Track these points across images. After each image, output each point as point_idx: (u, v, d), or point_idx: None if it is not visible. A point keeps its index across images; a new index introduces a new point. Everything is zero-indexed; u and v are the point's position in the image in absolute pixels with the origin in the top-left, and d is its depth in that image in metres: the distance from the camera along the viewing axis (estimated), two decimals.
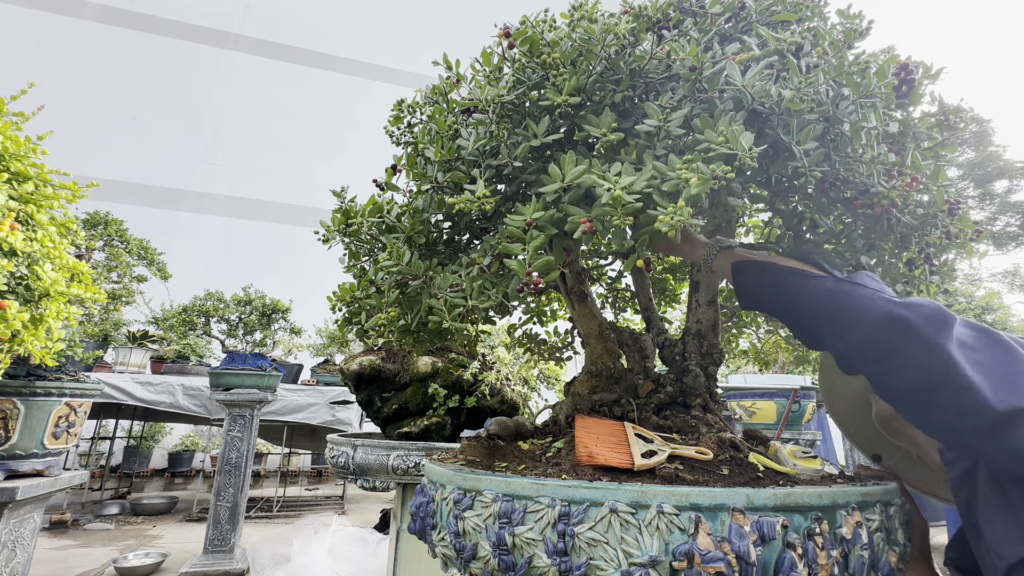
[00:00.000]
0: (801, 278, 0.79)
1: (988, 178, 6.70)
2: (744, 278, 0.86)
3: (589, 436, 0.88)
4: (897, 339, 0.68)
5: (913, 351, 0.67)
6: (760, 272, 0.84)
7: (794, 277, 0.79)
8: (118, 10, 9.52)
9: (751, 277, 0.85)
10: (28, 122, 1.57)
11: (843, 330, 0.73)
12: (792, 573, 0.63)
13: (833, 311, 0.74)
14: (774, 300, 0.83)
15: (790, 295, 0.79)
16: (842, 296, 0.74)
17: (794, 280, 0.79)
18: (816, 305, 0.76)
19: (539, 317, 1.50)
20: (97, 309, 4.43)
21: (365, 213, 1.07)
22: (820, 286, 0.76)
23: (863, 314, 0.71)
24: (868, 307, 0.71)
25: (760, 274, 0.84)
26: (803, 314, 0.79)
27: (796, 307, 0.79)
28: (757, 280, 0.84)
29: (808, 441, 3.60)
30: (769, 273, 0.82)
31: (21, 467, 2.14)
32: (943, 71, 0.86)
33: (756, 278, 0.84)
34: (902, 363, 0.68)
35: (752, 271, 0.85)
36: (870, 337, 0.70)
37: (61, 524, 5.05)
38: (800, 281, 0.78)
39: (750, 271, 0.85)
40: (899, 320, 0.68)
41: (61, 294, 1.50)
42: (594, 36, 0.84)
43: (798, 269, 0.80)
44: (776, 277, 0.81)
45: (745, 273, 0.86)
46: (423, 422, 2.35)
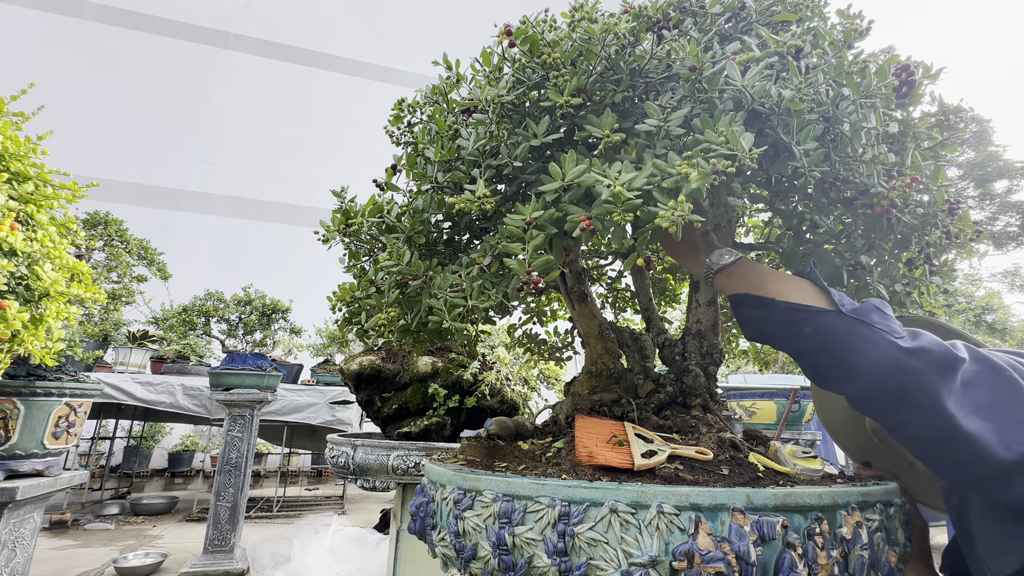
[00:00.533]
0: (803, 316, 0.74)
1: (988, 178, 6.70)
2: (743, 311, 0.83)
3: (589, 436, 0.88)
4: (904, 391, 0.66)
5: (921, 404, 0.65)
6: (757, 308, 0.80)
7: (796, 315, 0.75)
8: (118, 10, 9.52)
9: (751, 311, 0.81)
10: (28, 122, 1.57)
11: (850, 376, 0.71)
12: (792, 573, 0.63)
13: (839, 356, 0.71)
14: (777, 337, 0.80)
15: (792, 335, 0.76)
16: (847, 338, 0.71)
17: (796, 318, 0.75)
18: (821, 347, 0.73)
19: (539, 317, 1.50)
20: (97, 309, 4.43)
21: (365, 213, 1.07)
22: (824, 326, 0.73)
23: (869, 361, 0.69)
24: (875, 354, 0.68)
25: (760, 310, 0.80)
26: (808, 355, 0.76)
27: (801, 348, 0.76)
28: (755, 316, 0.81)
29: (808, 441, 3.60)
30: (768, 311, 0.78)
31: (21, 467, 2.14)
32: (943, 71, 0.86)
33: (753, 314, 0.81)
34: (909, 416, 0.67)
35: (751, 305, 0.81)
36: (877, 387, 0.68)
37: (61, 524, 5.05)
38: (805, 318, 0.74)
39: (750, 305, 0.81)
40: (907, 371, 0.66)
41: (61, 294, 1.50)
42: (594, 36, 0.84)
43: (798, 306, 0.76)
44: (776, 316, 0.77)
45: (744, 305, 0.82)
46: (423, 422, 2.35)
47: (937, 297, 1.09)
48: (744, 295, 0.82)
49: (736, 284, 0.85)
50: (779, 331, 0.78)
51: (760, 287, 0.81)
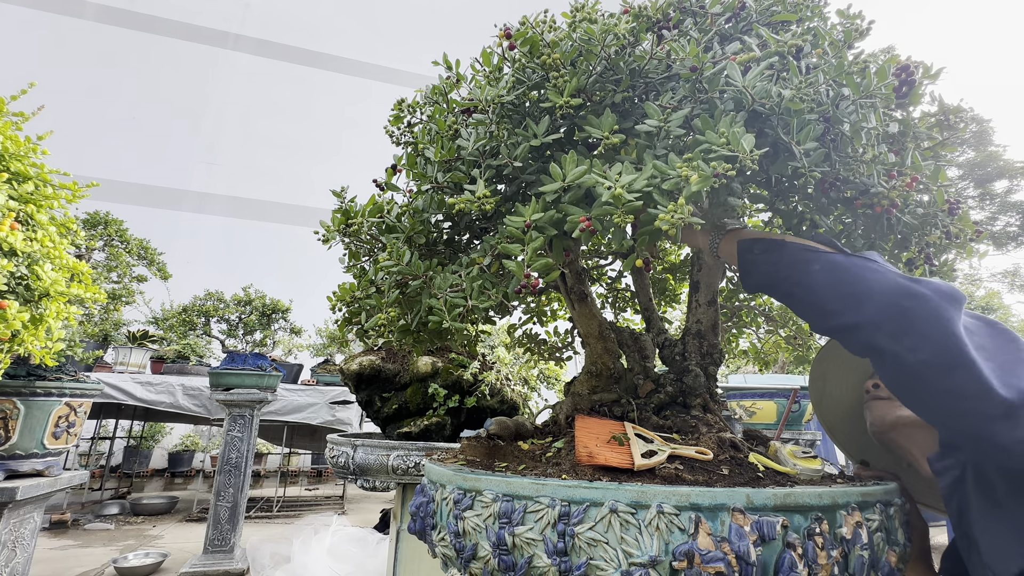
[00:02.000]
0: (812, 255, 0.77)
1: (988, 178, 6.70)
2: (752, 256, 0.83)
3: (589, 436, 0.88)
4: (912, 314, 0.67)
5: (928, 328, 0.66)
6: (770, 251, 0.81)
7: (807, 253, 0.78)
8: (118, 10, 9.52)
9: (761, 255, 0.82)
10: (28, 122, 1.57)
11: (857, 305, 0.71)
12: (792, 573, 0.63)
13: (847, 287, 0.72)
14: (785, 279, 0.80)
15: (801, 271, 0.77)
16: (855, 271, 0.73)
17: (807, 256, 0.77)
18: (830, 280, 0.74)
19: (539, 317, 1.50)
20: (97, 309, 4.43)
21: (365, 213, 1.07)
22: (833, 262, 0.75)
23: (878, 287, 0.70)
24: (883, 281, 0.70)
25: (770, 252, 0.81)
26: (813, 290, 0.76)
27: (808, 283, 0.77)
28: (767, 259, 0.81)
29: (808, 441, 3.60)
30: (780, 251, 0.80)
31: (21, 467, 2.14)
32: (943, 71, 0.86)
33: (766, 256, 0.81)
34: (916, 341, 0.66)
35: (761, 249, 0.82)
36: (885, 310, 0.69)
37: (61, 524, 5.05)
38: (813, 256, 0.77)
39: (759, 249, 0.83)
40: (915, 295, 0.67)
41: (61, 294, 1.50)
42: (594, 36, 0.84)
43: (808, 246, 0.79)
44: (788, 255, 0.79)
45: (753, 251, 0.83)
46: (423, 422, 2.35)
47: None
48: (754, 240, 0.84)
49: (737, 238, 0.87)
50: (788, 271, 0.79)
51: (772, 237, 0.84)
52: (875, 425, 0.95)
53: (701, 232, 0.94)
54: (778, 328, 1.48)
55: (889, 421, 0.90)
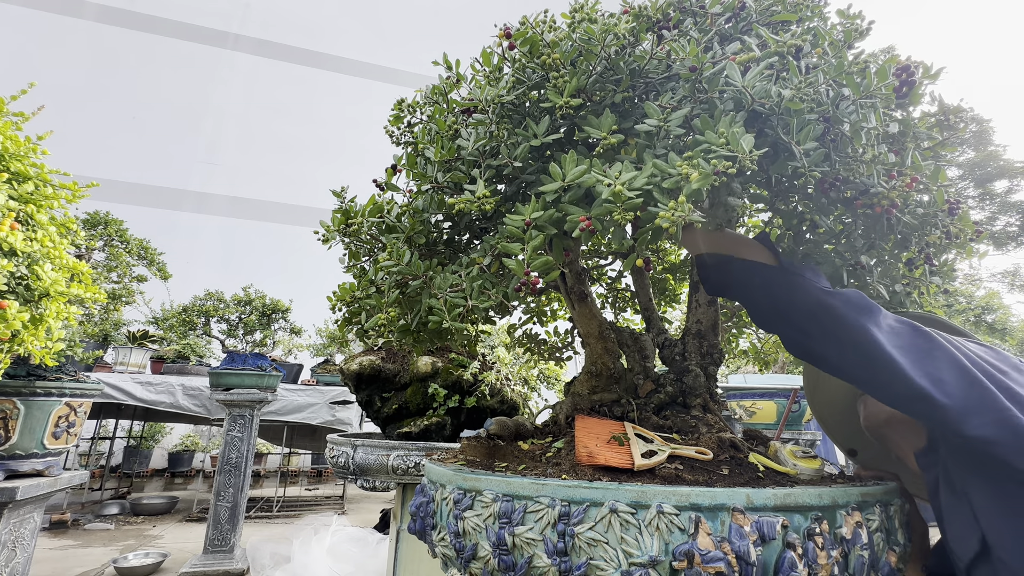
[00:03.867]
0: (754, 269, 0.89)
1: (988, 178, 6.70)
2: (704, 271, 0.98)
3: (589, 436, 0.88)
4: (829, 324, 0.78)
5: (845, 334, 0.76)
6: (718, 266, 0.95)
7: (748, 269, 0.90)
8: (118, 10, 9.52)
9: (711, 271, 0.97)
10: (28, 122, 1.57)
11: (786, 317, 0.84)
12: (792, 573, 0.63)
13: (777, 301, 0.85)
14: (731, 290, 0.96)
15: (743, 284, 0.91)
16: (784, 286, 0.85)
17: (748, 271, 0.90)
18: (765, 294, 0.87)
19: (539, 317, 1.50)
20: (97, 309, 4.43)
21: (365, 213, 1.07)
22: (767, 277, 0.87)
23: (799, 302, 0.82)
24: (803, 297, 0.82)
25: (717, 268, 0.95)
26: (755, 302, 0.91)
27: (749, 296, 0.91)
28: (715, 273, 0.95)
29: (808, 441, 3.60)
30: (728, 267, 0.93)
31: (21, 467, 2.14)
32: (943, 71, 0.86)
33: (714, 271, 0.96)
34: (839, 346, 0.78)
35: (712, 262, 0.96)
36: (807, 323, 0.81)
37: (61, 524, 5.05)
38: (753, 272, 0.89)
39: (710, 262, 0.97)
40: (827, 307, 0.78)
41: (61, 294, 1.50)
42: (594, 36, 0.84)
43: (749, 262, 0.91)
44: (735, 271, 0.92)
45: (707, 267, 0.97)
46: (423, 422, 2.35)
47: (937, 297, 1.09)
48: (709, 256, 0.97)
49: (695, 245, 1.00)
50: (733, 283, 0.93)
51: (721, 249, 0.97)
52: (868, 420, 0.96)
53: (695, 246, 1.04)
54: None
55: (883, 418, 0.92)
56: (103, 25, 9.40)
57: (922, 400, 0.70)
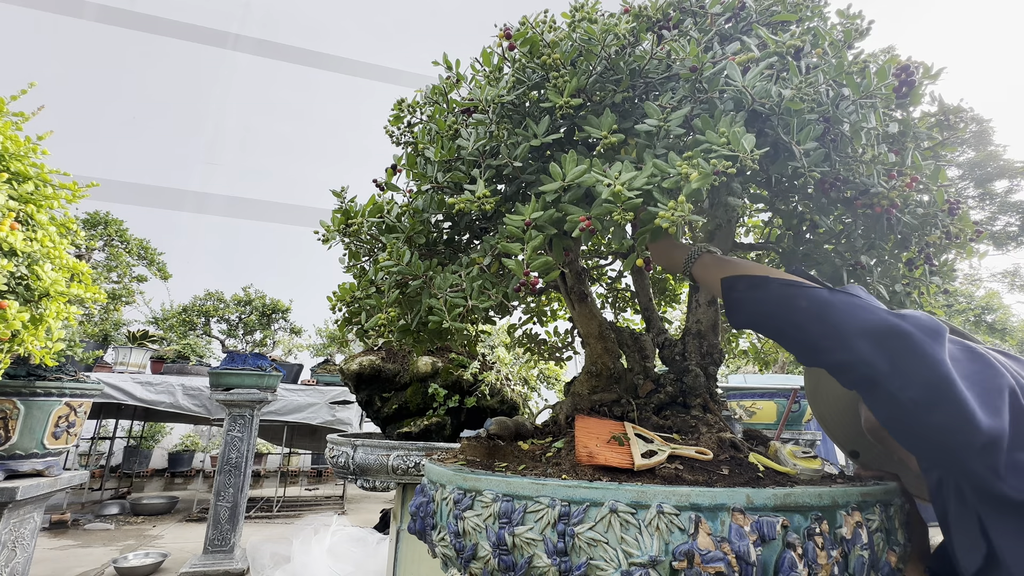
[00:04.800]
0: (798, 291, 0.76)
1: (988, 178, 6.70)
2: (737, 294, 0.83)
3: (589, 436, 0.88)
4: (898, 352, 0.67)
5: (915, 366, 0.65)
6: (755, 287, 0.80)
7: (791, 290, 0.77)
8: (118, 10, 9.52)
9: (746, 292, 0.82)
10: (28, 122, 1.57)
11: (846, 343, 0.70)
12: (792, 573, 0.63)
13: (834, 325, 0.71)
14: (772, 315, 0.79)
15: (788, 308, 0.77)
16: (841, 308, 0.72)
17: (791, 293, 0.77)
18: (817, 317, 0.73)
19: (539, 317, 1.50)
20: (97, 309, 4.43)
21: (365, 213, 1.07)
22: (819, 298, 0.74)
23: (863, 327, 0.69)
24: (869, 318, 0.70)
25: (755, 290, 0.80)
26: (801, 328, 0.76)
27: (797, 320, 0.76)
28: (752, 297, 0.81)
29: (808, 441, 3.60)
30: (764, 289, 0.79)
31: (21, 467, 2.14)
32: (943, 71, 0.86)
33: (752, 294, 0.81)
34: (905, 379, 0.66)
35: (746, 286, 0.82)
36: (874, 349, 0.68)
37: (61, 524, 5.05)
38: (797, 293, 0.76)
39: (743, 286, 0.82)
40: (900, 333, 0.67)
41: (61, 294, 1.50)
42: (594, 36, 0.84)
43: (792, 281, 0.78)
44: (772, 292, 0.78)
45: (738, 288, 0.83)
46: (423, 422, 2.35)
47: (937, 297, 1.09)
48: (737, 277, 0.83)
49: (718, 270, 0.87)
50: (774, 307, 0.78)
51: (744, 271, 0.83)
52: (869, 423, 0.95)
53: (677, 250, 0.95)
54: None
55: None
56: (103, 25, 9.41)
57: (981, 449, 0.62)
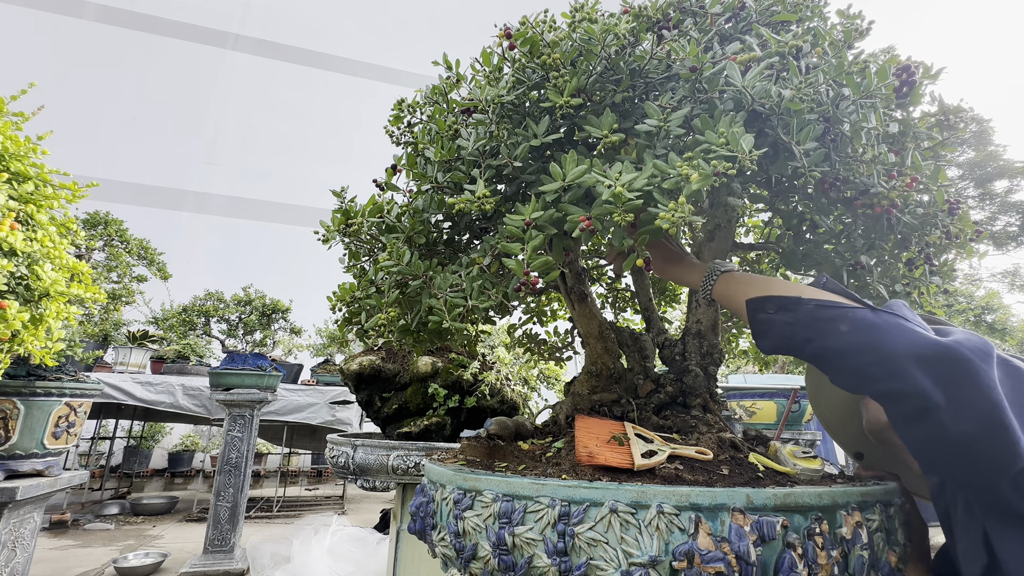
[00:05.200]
0: (836, 313, 0.68)
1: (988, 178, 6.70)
2: (765, 315, 0.74)
3: (589, 436, 0.88)
4: (954, 381, 0.61)
5: (970, 396, 0.60)
6: (785, 309, 0.72)
7: (829, 312, 0.69)
8: (118, 10, 9.53)
9: (776, 315, 0.73)
10: (28, 122, 1.57)
11: (897, 371, 0.63)
12: (792, 573, 0.63)
13: (883, 347, 0.64)
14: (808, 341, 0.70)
15: (827, 332, 0.68)
16: (889, 333, 0.65)
17: (829, 315, 0.69)
18: (863, 344, 0.66)
19: (539, 317, 1.50)
20: (97, 309, 4.43)
21: (365, 213, 1.07)
22: (862, 321, 0.67)
23: (916, 350, 0.63)
24: (920, 342, 0.63)
25: (786, 311, 0.72)
26: (845, 354, 0.67)
27: (839, 346, 0.67)
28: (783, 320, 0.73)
29: (808, 441, 3.60)
30: (796, 311, 0.71)
31: (21, 467, 2.14)
32: (943, 71, 0.86)
33: (783, 316, 0.73)
34: (959, 410, 0.60)
35: (775, 308, 0.73)
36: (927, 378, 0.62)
37: (61, 524, 5.05)
38: (837, 315, 0.68)
39: (772, 308, 0.74)
40: (957, 358, 0.61)
41: (61, 294, 1.50)
42: (594, 36, 0.84)
43: (828, 303, 0.70)
44: (807, 314, 0.70)
45: (766, 310, 0.74)
46: (423, 422, 2.35)
47: (937, 297, 1.09)
48: (765, 298, 0.75)
49: (742, 290, 0.80)
50: (809, 332, 0.70)
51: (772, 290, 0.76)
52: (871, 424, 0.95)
53: (694, 271, 0.91)
54: None
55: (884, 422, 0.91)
56: (103, 25, 9.41)
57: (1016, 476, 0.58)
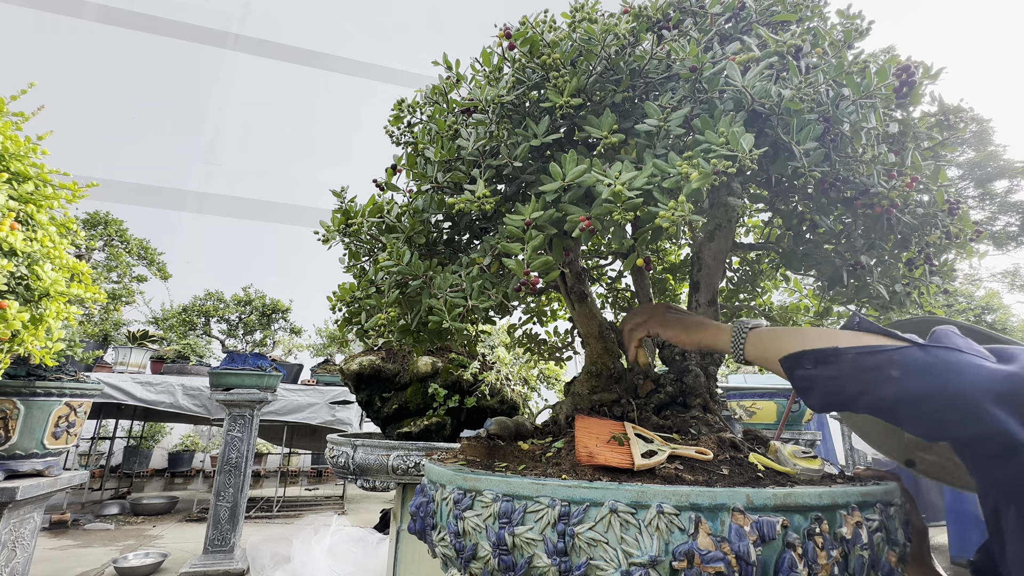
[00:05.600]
0: (882, 358, 0.62)
1: (988, 178, 6.69)
2: (805, 372, 0.69)
3: (589, 436, 0.88)
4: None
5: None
6: (825, 362, 0.67)
7: (873, 359, 0.63)
8: (118, 10, 9.53)
9: (817, 370, 0.68)
10: (28, 122, 1.57)
11: (975, 414, 0.58)
12: (792, 573, 0.63)
13: (948, 387, 0.59)
14: (861, 394, 0.65)
15: (878, 382, 0.62)
16: (951, 372, 0.59)
17: (875, 362, 0.62)
18: (924, 390, 0.60)
19: (539, 317, 1.50)
20: (97, 309, 4.43)
21: (365, 213, 1.07)
22: (915, 363, 0.60)
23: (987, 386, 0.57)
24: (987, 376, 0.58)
25: (827, 365, 0.67)
26: (909, 404, 0.61)
27: (897, 395, 0.61)
28: (826, 374, 0.67)
29: (808, 441, 3.61)
30: (836, 363, 0.65)
31: (21, 467, 2.14)
32: (943, 71, 0.86)
33: (824, 371, 0.67)
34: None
35: (813, 362, 0.68)
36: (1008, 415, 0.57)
37: (61, 524, 5.05)
38: (882, 362, 0.62)
39: (811, 363, 0.68)
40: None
41: (61, 294, 1.50)
42: (594, 36, 0.84)
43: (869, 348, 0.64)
44: (850, 365, 0.64)
45: (804, 366, 0.68)
46: (423, 422, 2.35)
47: (937, 297, 1.09)
48: (799, 354, 0.69)
49: (774, 347, 0.74)
50: (858, 384, 0.64)
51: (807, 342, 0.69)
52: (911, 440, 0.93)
53: (721, 333, 0.83)
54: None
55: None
56: (103, 25, 9.41)
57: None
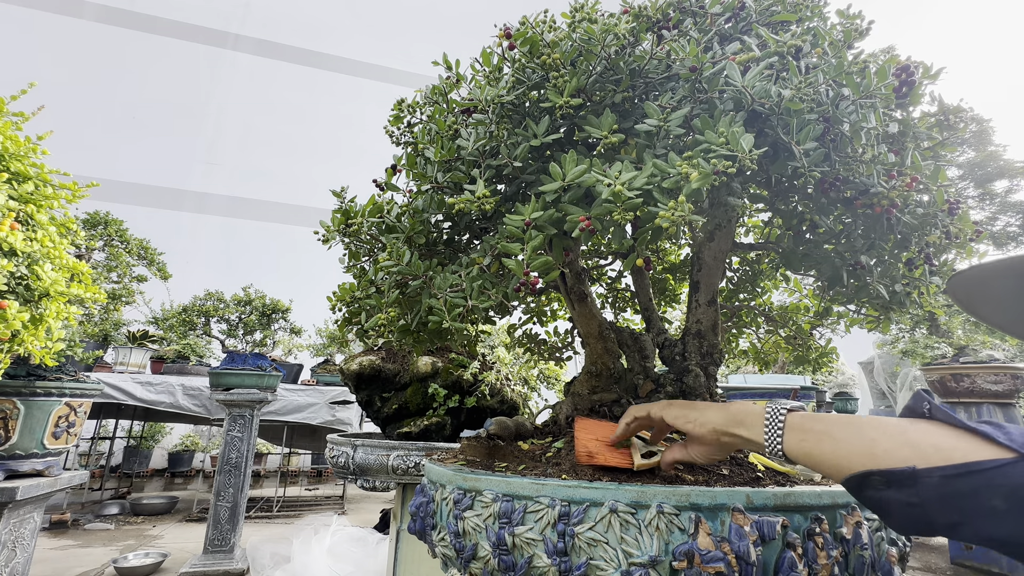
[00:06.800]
0: (975, 481, 0.49)
1: (988, 178, 6.69)
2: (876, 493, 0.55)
3: (589, 436, 0.88)
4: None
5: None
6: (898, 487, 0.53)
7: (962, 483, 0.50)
8: (118, 10, 9.53)
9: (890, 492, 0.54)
10: (28, 122, 1.57)
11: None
12: (792, 573, 0.63)
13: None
14: (953, 526, 0.51)
15: (976, 515, 0.49)
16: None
17: (966, 489, 0.50)
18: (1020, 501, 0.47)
19: (539, 317, 1.50)
20: (97, 309, 4.43)
21: (365, 213, 1.07)
22: (1015, 485, 0.48)
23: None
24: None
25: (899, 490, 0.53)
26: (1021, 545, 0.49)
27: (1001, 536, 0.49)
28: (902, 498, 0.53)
29: None
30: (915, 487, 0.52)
31: (21, 467, 2.14)
32: (943, 71, 0.86)
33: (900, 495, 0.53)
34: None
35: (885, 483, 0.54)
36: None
37: (61, 524, 5.05)
38: (977, 488, 0.49)
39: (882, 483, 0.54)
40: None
41: (61, 294, 1.50)
42: (594, 36, 0.84)
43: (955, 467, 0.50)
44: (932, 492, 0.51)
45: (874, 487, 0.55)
46: (423, 422, 2.35)
47: (937, 297, 1.09)
48: (865, 474, 0.55)
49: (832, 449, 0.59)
50: (950, 515, 0.51)
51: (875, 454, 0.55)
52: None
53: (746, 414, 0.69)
54: (778, 328, 1.48)
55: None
56: (103, 25, 9.41)
57: None
